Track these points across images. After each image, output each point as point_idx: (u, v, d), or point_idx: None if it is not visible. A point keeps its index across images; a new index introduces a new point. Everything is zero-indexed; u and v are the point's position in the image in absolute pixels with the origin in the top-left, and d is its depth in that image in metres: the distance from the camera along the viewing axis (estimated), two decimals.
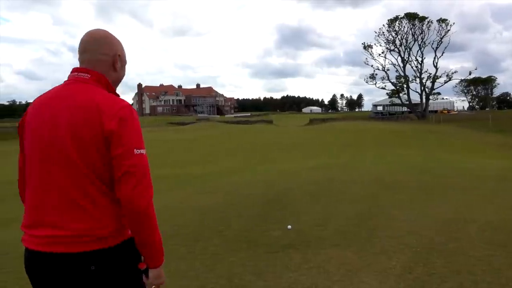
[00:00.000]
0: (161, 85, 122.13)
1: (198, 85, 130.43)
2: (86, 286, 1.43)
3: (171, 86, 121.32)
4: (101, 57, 1.60)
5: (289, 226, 5.07)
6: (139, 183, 1.43)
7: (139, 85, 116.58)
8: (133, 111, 1.51)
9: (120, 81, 1.70)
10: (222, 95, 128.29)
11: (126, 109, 1.49)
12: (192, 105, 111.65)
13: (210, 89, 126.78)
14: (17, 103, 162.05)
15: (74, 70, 1.60)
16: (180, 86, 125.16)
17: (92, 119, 1.44)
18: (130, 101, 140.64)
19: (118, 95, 1.60)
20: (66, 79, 1.62)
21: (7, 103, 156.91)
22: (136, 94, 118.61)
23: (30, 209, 1.51)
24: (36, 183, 1.50)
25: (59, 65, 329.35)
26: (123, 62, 1.69)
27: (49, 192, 1.46)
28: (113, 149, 1.44)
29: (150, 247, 1.51)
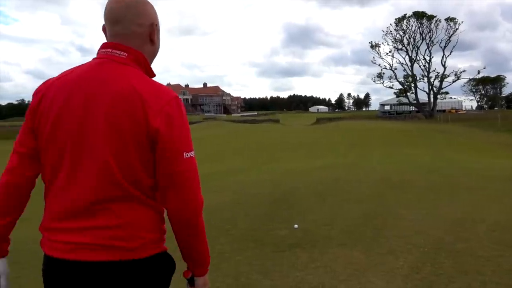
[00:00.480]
0: (168, 84, 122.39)
1: (205, 84, 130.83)
2: None
3: (178, 85, 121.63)
4: (136, 29, 1.33)
5: (296, 226, 5.06)
6: (189, 191, 1.26)
7: None
8: (181, 104, 1.29)
9: (156, 55, 1.44)
10: (229, 94, 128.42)
11: (174, 102, 1.26)
12: (199, 104, 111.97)
13: (217, 88, 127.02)
14: (26, 102, 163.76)
15: (106, 45, 1.33)
16: (187, 85, 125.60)
17: (135, 112, 1.20)
18: None
19: (154, 75, 1.39)
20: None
21: (16, 102, 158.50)
22: None
23: (51, 209, 1.29)
24: (60, 181, 1.26)
25: (67, 64, 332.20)
26: (159, 32, 1.41)
27: (75, 192, 1.23)
28: (159, 153, 1.23)
29: (198, 256, 1.37)
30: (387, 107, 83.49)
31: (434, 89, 59.33)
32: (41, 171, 1.33)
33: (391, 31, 59.96)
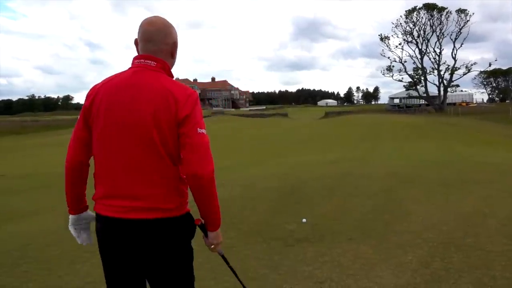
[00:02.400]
0: (177, 79, 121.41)
1: (213, 79, 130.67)
2: (154, 246, 1.71)
3: (186, 80, 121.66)
4: (163, 47, 1.80)
5: (304, 220, 5.06)
6: (203, 157, 1.66)
7: None
8: (197, 96, 1.77)
9: (173, 65, 1.90)
10: (237, 89, 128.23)
11: (194, 96, 1.74)
12: (207, 99, 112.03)
13: (225, 82, 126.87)
14: (36, 97, 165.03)
15: (140, 57, 1.78)
16: (195, 80, 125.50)
17: (170, 105, 1.67)
18: None
19: (173, 77, 1.84)
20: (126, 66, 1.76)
21: (27, 98, 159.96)
22: None
23: (106, 182, 1.74)
24: (113, 160, 1.70)
25: (76, 59, 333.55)
26: (177, 48, 1.90)
27: (128, 168, 1.68)
28: (181, 128, 1.67)
29: (210, 213, 1.75)
30: (396, 101, 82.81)
31: (444, 82, 58.69)
32: (94, 155, 1.77)
33: (401, 23, 59.42)
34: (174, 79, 1.82)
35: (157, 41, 1.77)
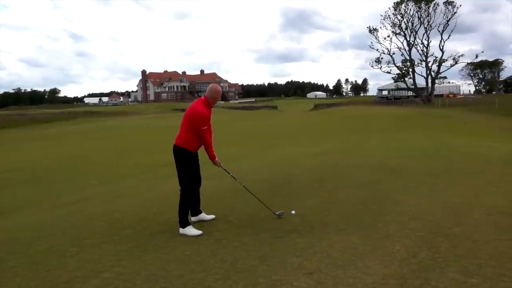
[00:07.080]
0: (165, 72, 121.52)
1: (202, 71, 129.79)
2: (176, 155, 4.86)
3: (175, 73, 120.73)
4: (207, 93, 4.85)
5: (293, 212, 5.08)
6: (203, 139, 4.79)
7: (143, 72, 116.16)
8: (199, 110, 4.71)
9: (213, 101, 4.84)
10: (226, 81, 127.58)
11: (197, 110, 4.72)
12: (196, 91, 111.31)
13: (214, 75, 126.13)
14: (22, 90, 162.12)
15: (204, 96, 4.89)
16: (184, 72, 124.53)
17: (189, 113, 4.75)
18: (135, 88, 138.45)
19: (206, 104, 4.82)
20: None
21: (13, 91, 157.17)
22: (140, 80, 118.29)
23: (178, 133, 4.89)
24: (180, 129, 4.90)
25: (60, 51, 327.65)
26: (214, 98, 4.84)
27: (180, 130, 4.84)
28: (194, 125, 4.71)
29: (207, 154, 4.93)
30: (385, 92, 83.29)
31: (432, 73, 59.05)
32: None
33: (389, 15, 59.42)
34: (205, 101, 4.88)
35: (207, 91, 4.84)
